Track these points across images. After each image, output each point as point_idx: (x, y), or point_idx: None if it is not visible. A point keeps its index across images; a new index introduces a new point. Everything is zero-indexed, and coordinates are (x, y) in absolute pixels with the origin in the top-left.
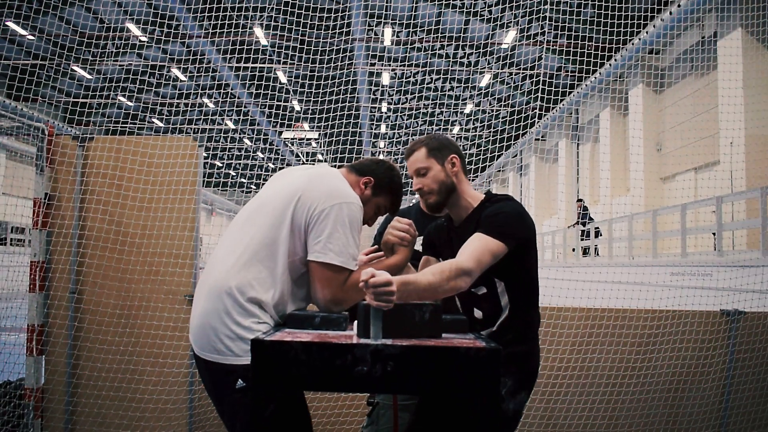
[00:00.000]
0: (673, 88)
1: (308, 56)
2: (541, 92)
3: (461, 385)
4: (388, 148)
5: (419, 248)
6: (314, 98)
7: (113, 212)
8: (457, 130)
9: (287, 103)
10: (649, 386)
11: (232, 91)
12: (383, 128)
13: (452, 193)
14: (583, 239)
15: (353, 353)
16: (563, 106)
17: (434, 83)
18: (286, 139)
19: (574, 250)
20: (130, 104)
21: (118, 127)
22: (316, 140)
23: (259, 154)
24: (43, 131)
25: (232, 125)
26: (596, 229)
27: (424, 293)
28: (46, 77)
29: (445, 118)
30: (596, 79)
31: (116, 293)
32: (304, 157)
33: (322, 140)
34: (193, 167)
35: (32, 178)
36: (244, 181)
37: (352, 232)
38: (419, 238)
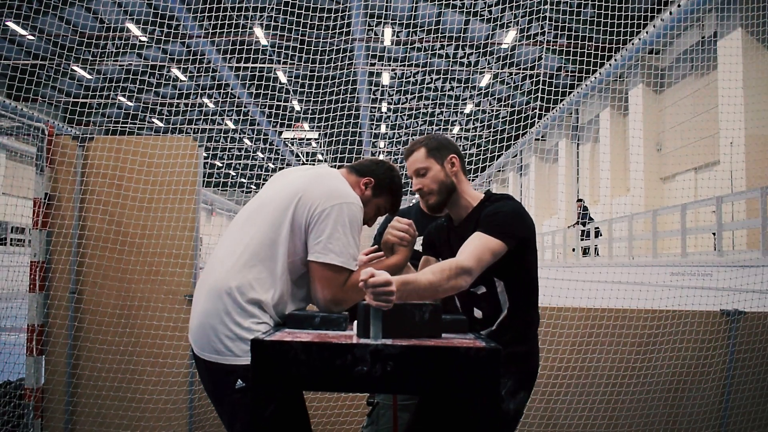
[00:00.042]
0: (673, 88)
1: (308, 56)
2: (541, 92)
3: (461, 385)
4: (388, 148)
5: (419, 248)
6: (314, 98)
7: (113, 212)
8: (457, 130)
9: (287, 103)
10: (649, 386)
11: (232, 91)
12: (383, 128)
13: (452, 193)
14: (583, 239)
15: (353, 353)
16: (563, 106)
17: (434, 83)
18: (286, 139)
19: (574, 250)
20: (130, 104)
21: (118, 127)
22: (316, 140)
23: (259, 154)
24: (43, 131)
25: (232, 125)
26: (596, 229)
27: (424, 292)
28: (46, 77)
29: (445, 118)
30: (596, 79)
31: (116, 293)
32: (304, 157)
33: (322, 140)
34: (193, 167)
35: (32, 178)
36: (244, 181)
37: (352, 232)
38: (419, 238)
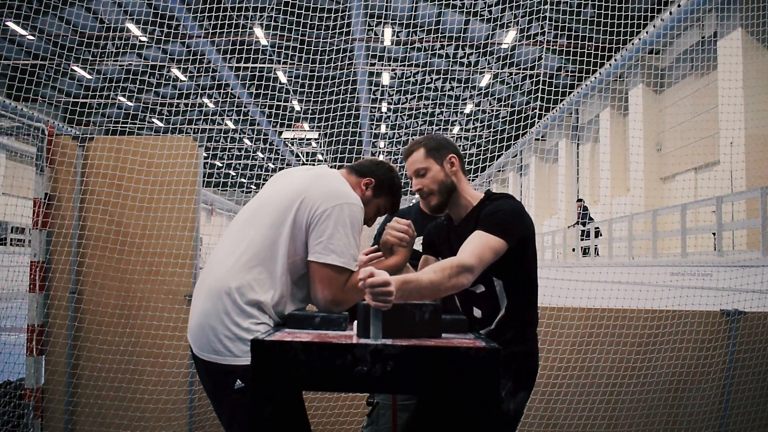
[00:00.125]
0: (673, 88)
1: (308, 56)
2: (541, 92)
3: (461, 385)
4: (388, 148)
5: (419, 248)
6: (314, 98)
7: (113, 212)
8: (457, 130)
9: (287, 103)
10: (649, 386)
11: (232, 91)
12: (383, 128)
13: (452, 192)
14: (583, 239)
15: (353, 353)
16: (563, 106)
17: (434, 83)
18: (286, 139)
19: (574, 250)
20: (130, 104)
21: (118, 127)
22: (316, 140)
23: (259, 154)
24: (43, 131)
25: (232, 125)
26: (596, 229)
27: (425, 291)
28: (46, 77)
29: (445, 118)
30: (596, 79)
31: (116, 293)
32: (304, 157)
33: (322, 140)
34: (193, 167)
35: (32, 178)
36: (244, 181)
37: (353, 232)
38: (418, 238)
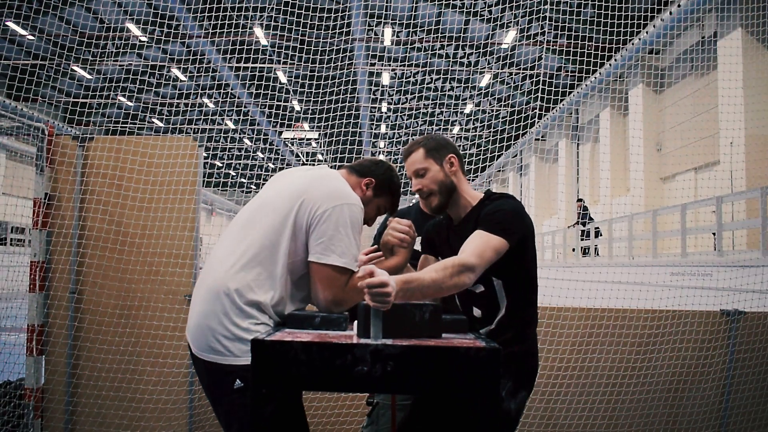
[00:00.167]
0: (673, 88)
1: (308, 56)
2: (541, 92)
3: (461, 385)
4: (388, 148)
5: (419, 248)
6: (314, 98)
7: (113, 212)
8: (457, 130)
9: (287, 103)
10: (649, 386)
11: (232, 91)
12: (383, 128)
13: (453, 192)
14: (583, 239)
15: (353, 353)
16: (563, 106)
17: (434, 83)
18: (286, 139)
19: (574, 250)
20: (130, 104)
21: (118, 127)
22: (316, 140)
23: (259, 154)
24: (43, 131)
25: (232, 125)
26: (596, 229)
27: (427, 290)
28: (46, 77)
29: (445, 118)
30: (596, 79)
31: (116, 293)
32: (304, 157)
33: (322, 140)
34: (193, 167)
35: (32, 178)
36: (244, 181)
37: (353, 233)
38: (418, 238)
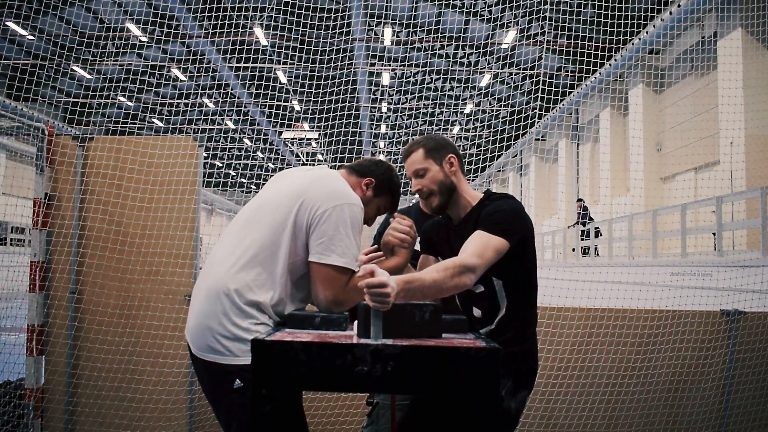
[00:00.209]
0: (673, 88)
1: (308, 56)
2: (541, 92)
3: (461, 385)
4: (388, 148)
5: (419, 248)
6: (314, 98)
7: (113, 212)
8: (457, 130)
9: (287, 103)
10: (649, 386)
11: (232, 91)
12: (383, 128)
13: (453, 192)
14: (583, 239)
15: (353, 353)
16: (563, 106)
17: (434, 83)
18: (286, 139)
19: (574, 250)
20: (130, 104)
21: (118, 127)
22: (316, 140)
23: (259, 154)
24: (43, 131)
25: (232, 125)
26: (596, 229)
27: (428, 291)
28: (46, 77)
29: (445, 118)
30: (596, 79)
31: (116, 293)
32: (304, 157)
33: (322, 140)
34: (193, 167)
35: (32, 178)
36: (244, 181)
37: (353, 233)
38: (418, 238)
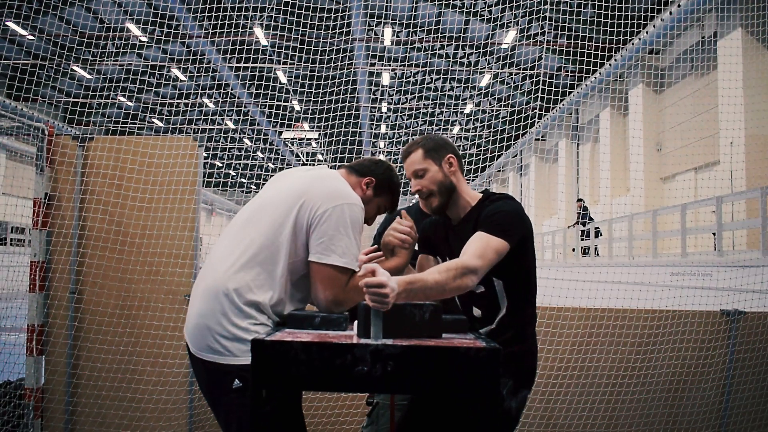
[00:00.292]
0: (673, 88)
1: (308, 56)
2: (541, 92)
3: (461, 385)
4: (388, 148)
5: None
6: (314, 98)
7: (113, 212)
8: (457, 130)
9: (287, 103)
10: (649, 386)
11: (232, 91)
12: (383, 128)
13: (452, 192)
14: (583, 239)
15: (353, 353)
16: (563, 106)
17: (434, 83)
18: (286, 139)
19: (574, 250)
20: (130, 104)
21: (118, 127)
22: (316, 140)
23: (259, 154)
24: (43, 131)
25: (232, 125)
26: (596, 229)
27: (431, 291)
28: (46, 77)
29: (445, 118)
30: (596, 79)
31: (116, 293)
32: (304, 157)
33: (322, 140)
34: (193, 167)
35: (32, 178)
36: (244, 181)
37: (354, 233)
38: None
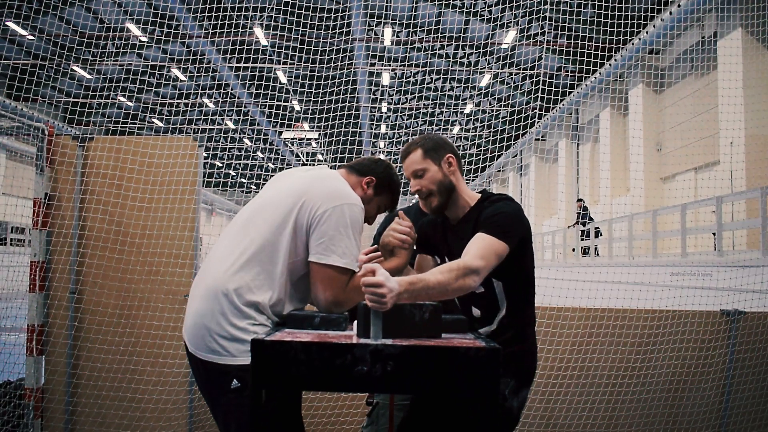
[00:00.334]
0: (673, 88)
1: (308, 56)
2: (541, 92)
3: (461, 385)
4: (388, 148)
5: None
6: (314, 98)
7: (113, 212)
8: (457, 130)
9: (287, 103)
10: (649, 386)
11: (232, 91)
12: (383, 128)
13: (452, 192)
14: (583, 239)
15: (353, 353)
16: (563, 106)
17: (434, 83)
18: (286, 139)
19: (574, 250)
20: (130, 104)
21: (118, 127)
22: (316, 140)
23: (259, 154)
24: (43, 131)
25: (232, 125)
26: (596, 229)
27: (432, 292)
28: (46, 77)
29: (445, 118)
30: (596, 79)
31: (116, 293)
32: (304, 157)
33: (322, 140)
34: (193, 167)
35: (32, 178)
36: (244, 181)
37: (354, 233)
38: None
